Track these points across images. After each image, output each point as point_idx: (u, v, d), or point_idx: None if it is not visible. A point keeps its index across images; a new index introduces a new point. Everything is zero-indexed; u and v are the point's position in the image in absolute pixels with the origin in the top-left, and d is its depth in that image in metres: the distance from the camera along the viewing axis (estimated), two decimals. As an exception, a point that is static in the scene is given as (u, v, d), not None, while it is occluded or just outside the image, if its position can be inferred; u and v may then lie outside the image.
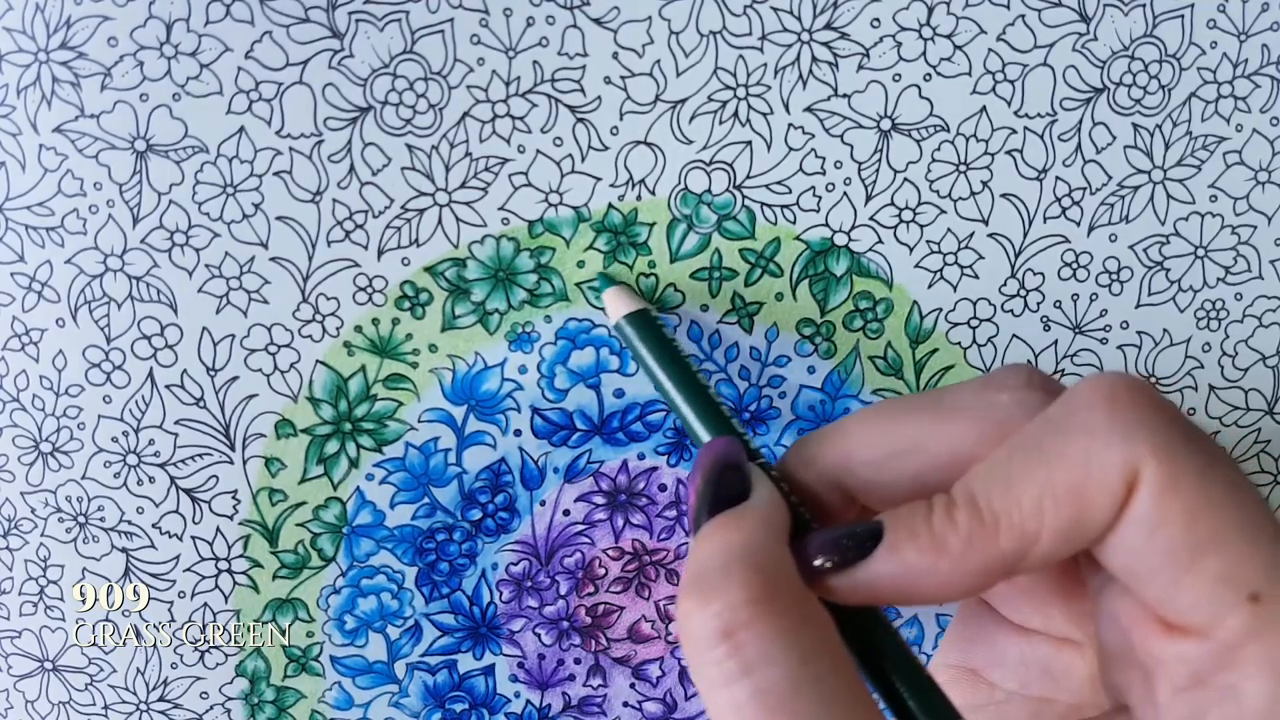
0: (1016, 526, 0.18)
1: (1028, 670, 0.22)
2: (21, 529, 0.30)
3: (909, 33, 0.28)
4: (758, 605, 0.17)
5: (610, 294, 0.29)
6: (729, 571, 0.18)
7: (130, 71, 0.26)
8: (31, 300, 0.28)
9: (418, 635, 0.32)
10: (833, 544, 0.19)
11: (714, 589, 0.18)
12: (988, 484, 0.18)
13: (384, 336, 0.29)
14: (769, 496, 0.20)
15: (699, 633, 0.17)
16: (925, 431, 0.20)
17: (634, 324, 0.28)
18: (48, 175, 0.27)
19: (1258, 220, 0.31)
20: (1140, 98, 0.29)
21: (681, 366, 0.26)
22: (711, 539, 0.19)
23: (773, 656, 0.17)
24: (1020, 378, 0.20)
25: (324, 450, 0.30)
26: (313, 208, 0.28)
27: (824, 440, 0.22)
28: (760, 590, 0.17)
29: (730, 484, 0.20)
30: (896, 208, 0.29)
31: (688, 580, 0.18)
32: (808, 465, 0.21)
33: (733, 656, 0.17)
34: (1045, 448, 0.18)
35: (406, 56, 0.27)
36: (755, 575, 0.18)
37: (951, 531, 0.18)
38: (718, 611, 0.17)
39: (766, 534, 0.19)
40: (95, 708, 0.32)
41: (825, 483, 0.21)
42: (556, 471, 0.31)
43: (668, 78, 0.28)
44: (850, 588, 0.19)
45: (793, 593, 0.18)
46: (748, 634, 0.17)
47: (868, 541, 0.19)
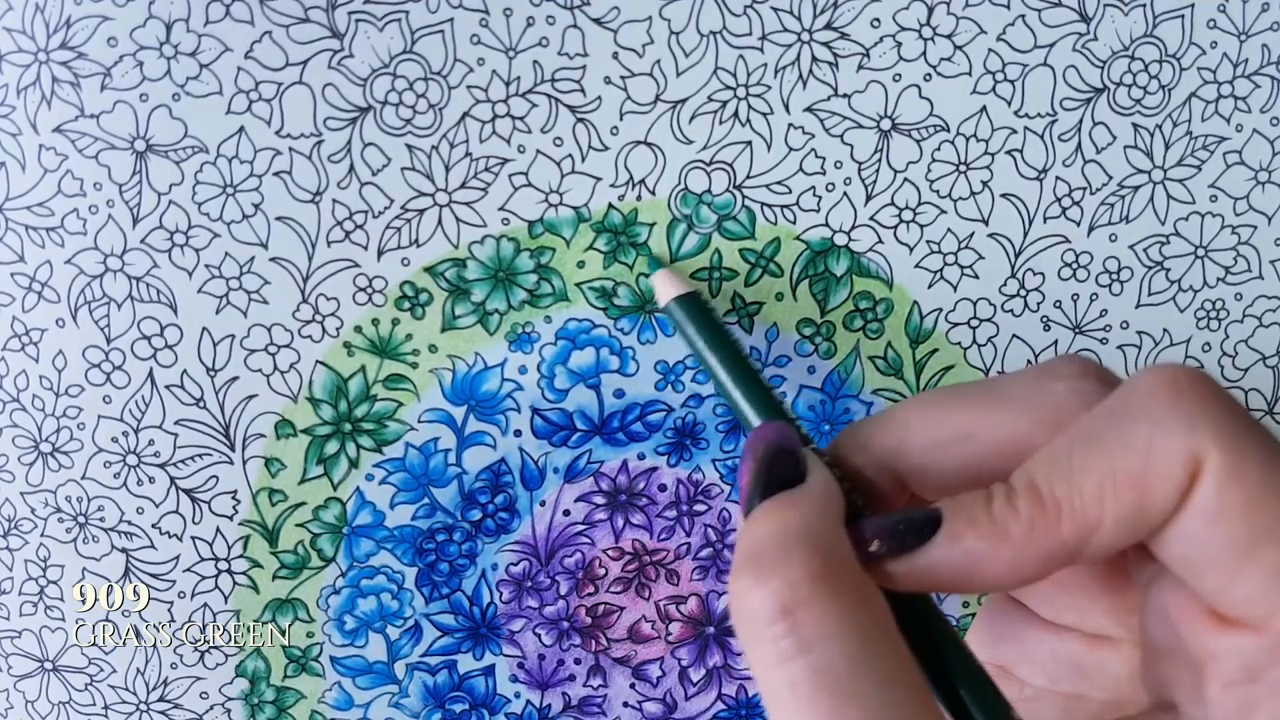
0: (1079, 514, 0.18)
1: (1058, 666, 0.22)
2: (21, 529, 0.30)
3: (909, 33, 0.28)
4: (818, 583, 0.17)
5: (660, 276, 0.28)
6: (787, 550, 0.18)
7: (130, 71, 0.26)
8: (31, 300, 0.28)
9: (418, 635, 0.32)
10: (890, 529, 0.19)
11: (772, 567, 0.17)
12: (1049, 471, 0.18)
13: (384, 337, 0.29)
14: (824, 480, 0.20)
15: (756, 611, 0.17)
16: (979, 419, 0.20)
17: (684, 306, 0.27)
18: (48, 175, 0.27)
19: (1258, 220, 0.31)
20: (1140, 98, 0.29)
21: (732, 350, 0.26)
22: (768, 519, 0.19)
23: (832, 635, 0.17)
24: (1075, 367, 0.20)
25: (324, 450, 0.30)
26: (313, 208, 0.28)
27: (877, 426, 0.21)
28: (820, 569, 0.17)
29: (784, 467, 0.20)
30: (896, 208, 0.29)
31: (743, 558, 0.18)
32: (860, 450, 0.21)
33: (791, 634, 0.17)
34: (1108, 435, 0.18)
35: (406, 56, 0.27)
36: (814, 554, 0.17)
37: (1013, 518, 0.18)
38: (776, 589, 0.17)
39: (824, 516, 0.19)
40: (95, 708, 0.32)
41: (877, 468, 0.21)
42: (556, 472, 0.31)
43: (668, 78, 0.28)
44: (907, 573, 0.19)
45: (852, 574, 0.18)
46: (807, 612, 0.17)
47: (926, 528, 0.19)
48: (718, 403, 0.31)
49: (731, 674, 0.33)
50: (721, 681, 0.33)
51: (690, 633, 0.33)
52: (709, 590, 0.32)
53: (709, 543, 0.32)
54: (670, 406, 0.30)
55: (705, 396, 0.30)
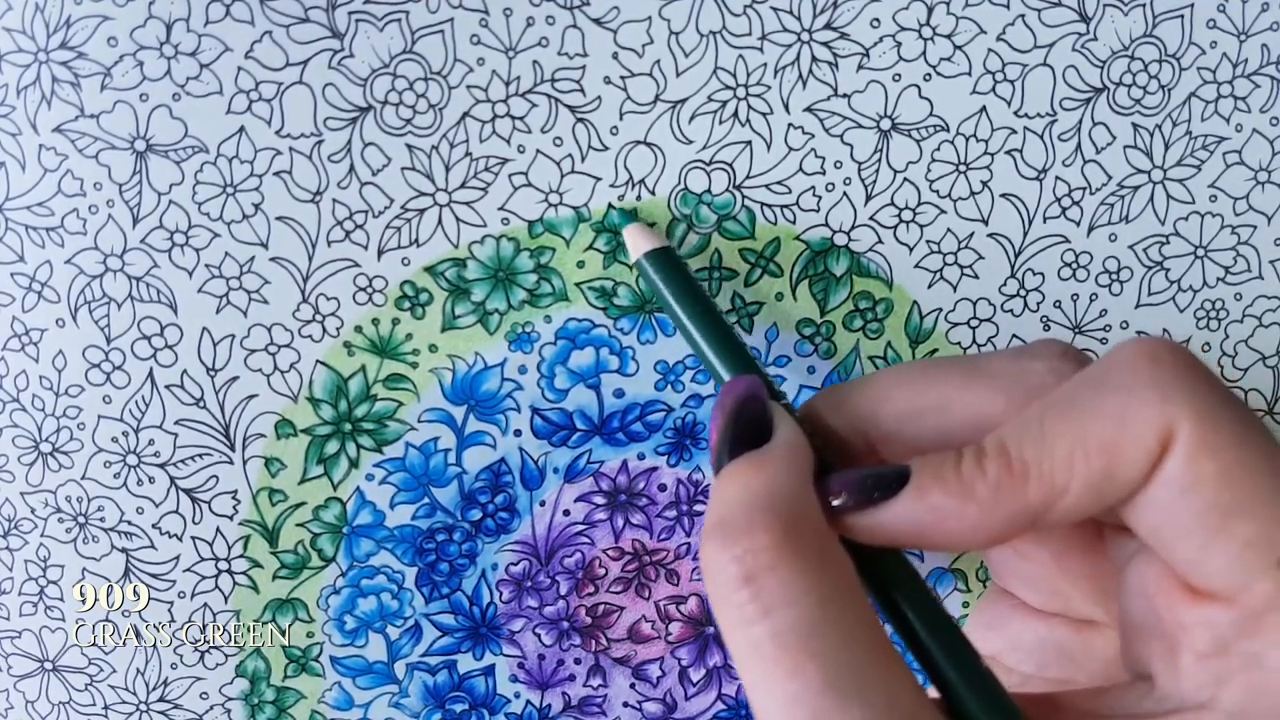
0: (1046, 477, 0.18)
1: (1045, 653, 0.23)
2: (21, 529, 0.30)
3: (909, 33, 0.28)
4: (779, 549, 0.17)
5: (631, 230, 0.28)
6: (751, 515, 0.18)
7: (130, 71, 0.26)
8: (31, 300, 0.28)
9: (418, 635, 0.32)
10: (858, 483, 0.19)
11: (736, 532, 0.18)
12: (1020, 435, 0.18)
13: (384, 336, 0.29)
14: (791, 436, 0.20)
15: (721, 575, 0.18)
16: (956, 392, 0.21)
17: (654, 261, 0.27)
18: (47, 175, 0.27)
19: (1258, 220, 0.31)
20: (1140, 98, 0.29)
21: (704, 305, 0.26)
22: (733, 481, 0.19)
23: (792, 599, 0.17)
24: (1055, 349, 0.21)
25: (324, 450, 0.30)
26: (313, 208, 0.28)
27: (854, 389, 0.22)
28: (781, 534, 0.18)
29: (752, 423, 0.20)
30: (896, 208, 0.29)
31: (711, 522, 0.18)
32: (834, 410, 0.22)
33: (754, 600, 0.17)
34: (1081, 402, 0.18)
35: (406, 56, 0.27)
36: (776, 519, 0.18)
37: (980, 478, 0.18)
38: (739, 555, 0.17)
39: (789, 475, 0.19)
40: (95, 708, 0.32)
41: (850, 429, 0.21)
42: (556, 472, 0.31)
43: (668, 78, 0.28)
44: (871, 527, 0.19)
45: (815, 535, 0.18)
46: (769, 577, 0.17)
47: (894, 483, 0.19)
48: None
49: (731, 674, 0.33)
50: (721, 681, 0.33)
51: (690, 633, 0.33)
52: (709, 590, 0.32)
53: (709, 543, 0.32)
54: (670, 406, 0.30)
55: (705, 396, 0.30)
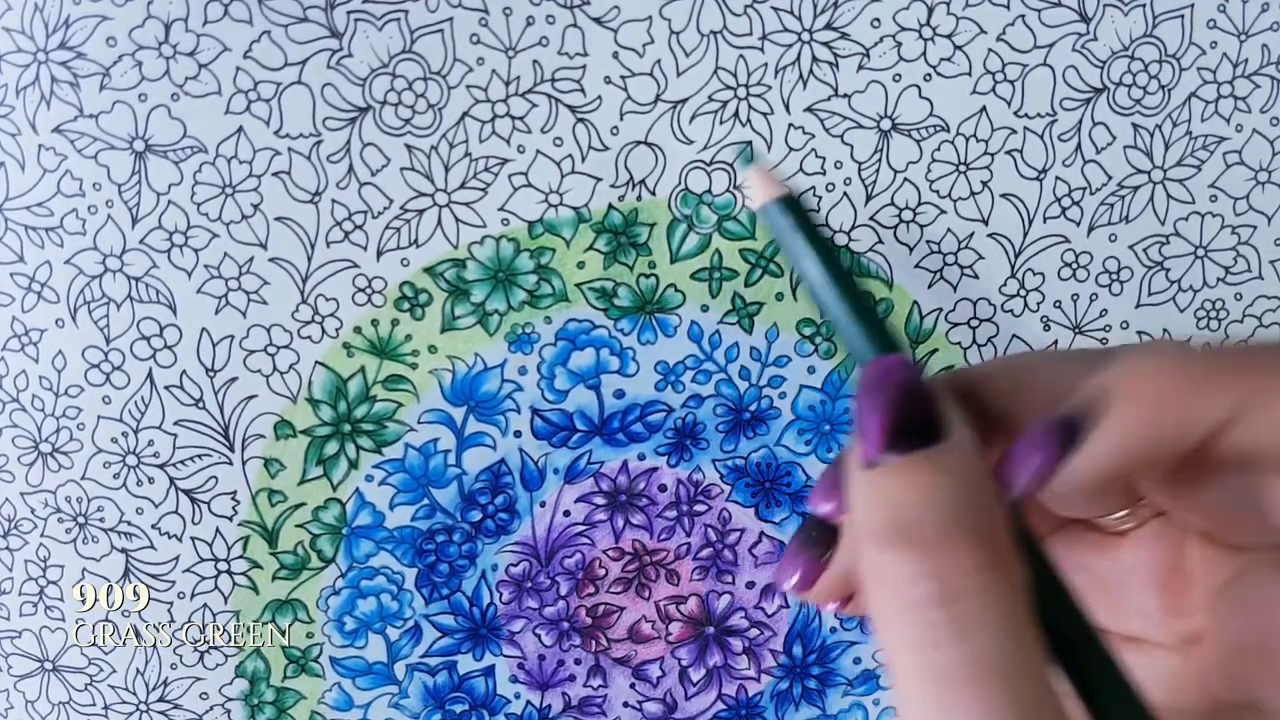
0: (1243, 368, 0.17)
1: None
2: (21, 529, 0.30)
3: (909, 33, 0.28)
4: (985, 573, 0.16)
5: (756, 173, 0.25)
6: (948, 529, 0.17)
7: (129, 71, 0.26)
8: (31, 301, 0.28)
9: (417, 636, 0.32)
10: (1049, 430, 0.18)
11: (930, 545, 0.16)
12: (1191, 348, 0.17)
13: (383, 337, 0.29)
14: (971, 437, 0.18)
15: (908, 590, 0.16)
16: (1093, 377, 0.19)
17: (785, 211, 0.24)
18: (47, 175, 0.27)
19: (1258, 220, 0.31)
20: (1140, 98, 0.29)
21: (840, 269, 0.23)
22: (913, 483, 0.17)
23: (993, 626, 0.16)
24: (1179, 345, 0.20)
25: (323, 451, 0.30)
26: (312, 208, 0.28)
27: (996, 372, 0.20)
28: (988, 556, 0.16)
29: (920, 413, 0.18)
30: (896, 208, 0.29)
31: (889, 526, 0.17)
32: (990, 395, 0.20)
33: (950, 622, 0.16)
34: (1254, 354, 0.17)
35: (405, 56, 0.27)
36: (979, 537, 0.17)
37: (1184, 365, 0.17)
38: (935, 571, 0.16)
39: (981, 484, 0.17)
40: (95, 708, 0.32)
41: (999, 415, 0.20)
42: (556, 472, 0.31)
43: (668, 78, 0.28)
44: (1078, 474, 0.17)
45: (1010, 555, 0.17)
46: (972, 601, 0.16)
47: (1077, 421, 0.17)
48: (717, 403, 0.31)
49: (731, 674, 0.33)
50: (721, 681, 0.33)
51: (690, 633, 0.33)
52: (709, 590, 0.32)
53: (709, 543, 0.32)
54: (670, 407, 0.30)
55: (705, 397, 0.30)
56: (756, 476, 0.31)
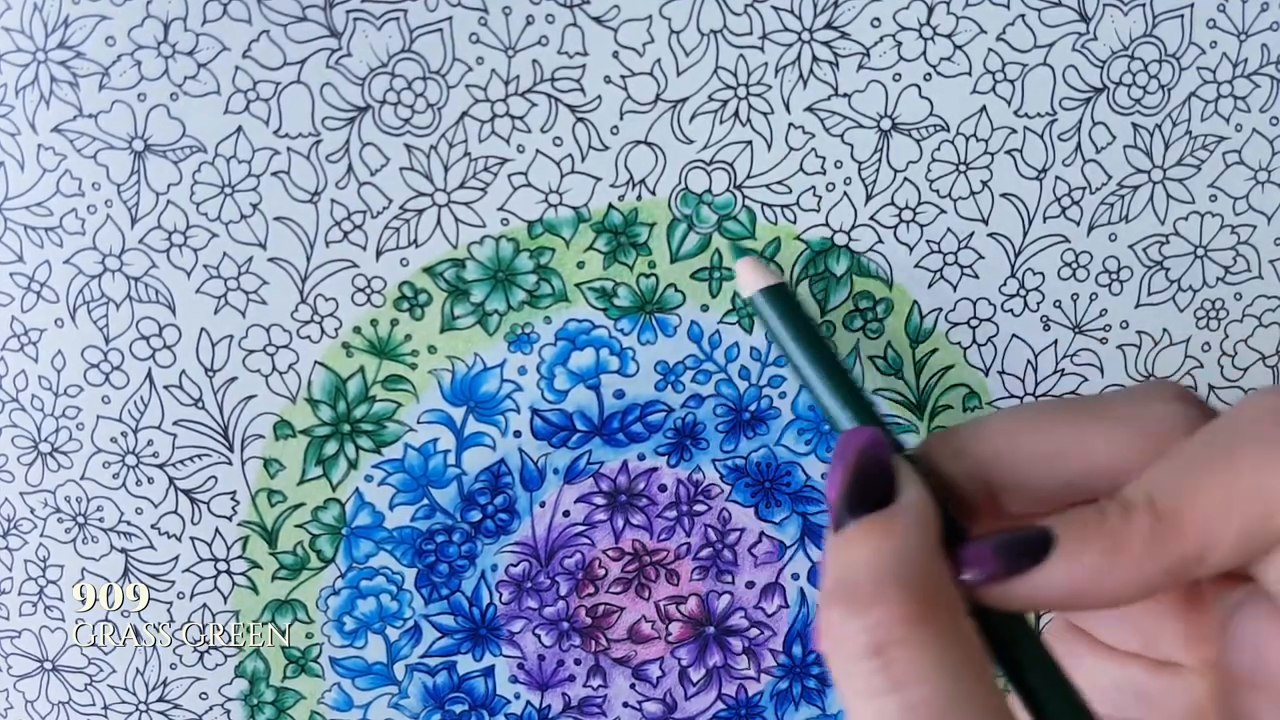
0: (1199, 527, 0.17)
1: (1121, 694, 0.22)
2: (21, 529, 0.30)
3: (909, 32, 0.28)
4: (911, 626, 0.17)
5: (745, 264, 0.27)
6: (882, 584, 0.17)
7: (128, 71, 0.26)
8: (30, 300, 0.28)
9: (417, 636, 0.32)
10: (1006, 551, 0.19)
11: (865, 601, 0.17)
12: (1166, 486, 0.18)
13: (383, 337, 0.29)
14: (920, 499, 0.19)
15: (849, 643, 0.17)
16: (1082, 436, 0.20)
17: (771, 299, 0.26)
18: (46, 175, 0.27)
19: (1257, 220, 0.31)
20: (1140, 97, 0.29)
21: (821, 348, 0.25)
22: (861, 544, 0.18)
23: (924, 675, 0.17)
24: (1174, 391, 0.20)
25: (323, 451, 0.30)
26: (311, 208, 0.28)
27: (974, 434, 0.21)
28: (915, 607, 0.17)
29: (876, 479, 0.19)
30: (896, 207, 0.29)
31: (835, 586, 0.18)
32: (955, 458, 0.21)
33: (884, 671, 0.17)
34: (1228, 451, 0.18)
35: (405, 55, 0.27)
36: (909, 591, 0.17)
37: (1131, 533, 0.18)
38: (868, 627, 0.17)
39: (920, 542, 0.18)
40: (95, 708, 0.32)
41: (969, 479, 0.21)
42: (556, 472, 0.31)
43: (668, 77, 0.28)
44: (1020, 595, 0.18)
45: (947, 607, 0.18)
46: (900, 652, 0.17)
47: (1040, 548, 0.18)
48: (718, 403, 0.31)
49: (731, 674, 0.33)
50: (721, 681, 0.33)
51: (690, 633, 0.33)
52: (709, 590, 0.32)
53: (709, 543, 0.32)
54: (670, 407, 0.30)
55: (705, 397, 0.30)
56: (756, 476, 0.31)
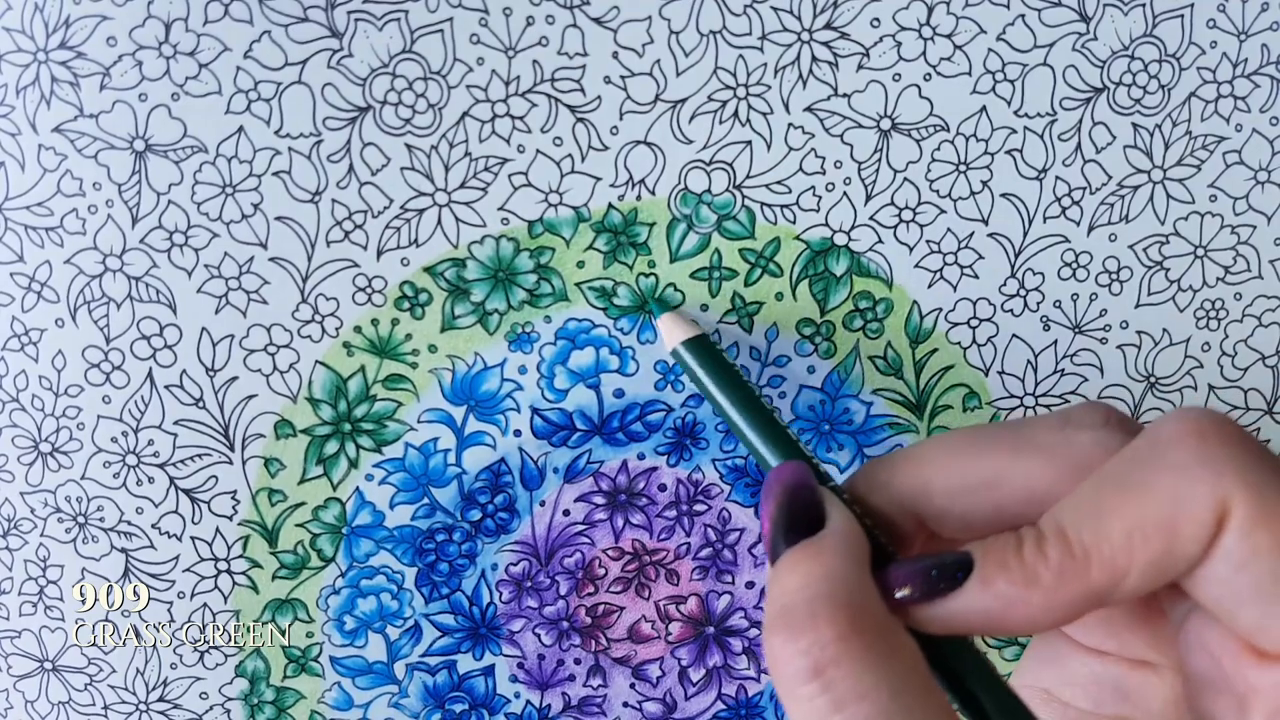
0: (1107, 560, 0.18)
1: (1101, 690, 0.22)
2: (21, 529, 0.30)
3: (909, 32, 0.28)
4: (845, 642, 0.17)
5: (665, 320, 0.29)
6: (813, 607, 0.18)
7: (129, 71, 0.26)
8: (31, 300, 0.28)
9: (417, 636, 0.32)
10: (921, 575, 0.19)
11: (801, 625, 0.18)
12: (1077, 517, 0.19)
13: (383, 337, 0.29)
14: (845, 522, 0.20)
15: (788, 669, 0.18)
16: (1005, 466, 0.21)
17: (692, 350, 0.27)
18: (47, 175, 0.27)
19: (1257, 220, 0.31)
20: (1140, 97, 0.29)
21: (744, 391, 0.26)
22: (793, 571, 0.19)
23: (863, 692, 0.17)
24: (1099, 415, 0.21)
25: (323, 451, 0.30)
26: (312, 208, 0.28)
27: (899, 465, 0.22)
28: (847, 626, 0.18)
29: (804, 510, 0.20)
30: (896, 207, 0.29)
31: (773, 615, 0.18)
32: (881, 489, 0.21)
33: (824, 693, 0.17)
34: (1134, 482, 0.18)
35: (406, 56, 0.27)
36: (839, 611, 0.18)
37: (1042, 564, 0.18)
38: (805, 649, 0.18)
39: (847, 564, 0.19)
40: (95, 708, 0.32)
41: (898, 508, 0.21)
42: (556, 472, 0.31)
43: (668, 77, 0.28)
44: (939, 618, 0.19)
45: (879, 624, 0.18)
46: (837, 671, 0.17)
47: (957, 572, 0.19)
48: (717, 403, 0.31)
49: (731, 674, 0.33)
50: (721, 681, 0.33)
51: (690, 633, 0.33)
52: (709, 590, 0.32)
53: (709, 543, 0.32)
54: (670, 406, 0.30)
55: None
56: (756, 476, 0.31)
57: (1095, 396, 0.31)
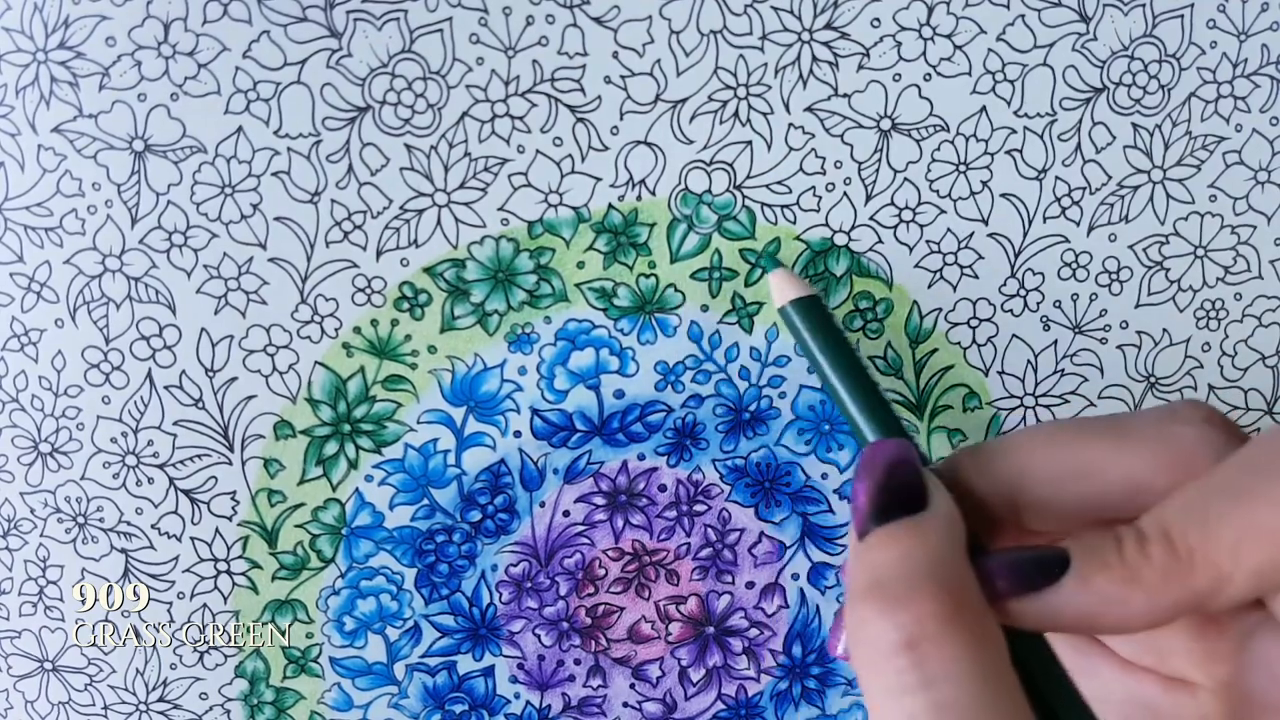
0: (1213, 564, 0.18)
1: (1133, 707, 0.22)
2: (21, 529, 0.30)
3: (909, 33, 0.28)
4: (945, 622, 0.17)
5: (778, 276, 0.28)
6: (915, 583, 0.18)
7: (128, 71, 0.26)
8: (30, 301, 0.28)
9: (417, 636, 0.32)
10: (1020, 567, 0.19)
11: (899, 599, 0.18)
12: (1185, 519, 0.18)
13: (383, 337, 0.29)
14: (949, 507, 0.20)
15: (879, 641, 0.17)
16: (1106, 457, 0.20)
17: (802, 310, 0.27)
18: (46, 175, 0.27)
19: (1257, 220, 0.31)
20: (1140, 98, 0.29)
21: (852, 360, 0.25)
22: (891, 546, 0.19)
23: (956, 674, 0.17)
24: (1201, 413, 0.21)
25: (323, 451, 0.30)
26: (311, 208, 0.28)
27: (997, 451, 0.21)
28: (948, 606, 0.17)
29: (905, 488, 0.20)
30: (896, 208, 0.29)
31: (865, 585, 0.18)
32: (979, 474, 0.21)
33: (915, 669, 0.17)
34: (1245, 488, 0.18)
35: (405, 56, 0.27)
36: (943, 590, 0.18)
37: (1145, 564, 0.18)
38: (902, 623, 0.17)
39: (950, 546, 0.19)
40: (95, 708, 0.32)
41: (995, 495, 0.21)
42: (556, 472, 0.31)
43: (668, 77, 0.28)
44: (1033, 613, 0.19)
45: (977, 609, 0.18)
46: (933, 648, 0.17)
47: (1055, 568, 0.19)
48: (717, 403, 0.31)
49: (731, 674, 0.33)
50: (721, 681, 0.33)
51: (690, 633, 0.33)
52: (709, 590, 0.32)
53: (709, 543, 0.32)
54: (670, 407, 0.30)
55: (705, 397, 0.30)
56: (756, 476, 0.31)
57: (1095, 397, 0.31)
